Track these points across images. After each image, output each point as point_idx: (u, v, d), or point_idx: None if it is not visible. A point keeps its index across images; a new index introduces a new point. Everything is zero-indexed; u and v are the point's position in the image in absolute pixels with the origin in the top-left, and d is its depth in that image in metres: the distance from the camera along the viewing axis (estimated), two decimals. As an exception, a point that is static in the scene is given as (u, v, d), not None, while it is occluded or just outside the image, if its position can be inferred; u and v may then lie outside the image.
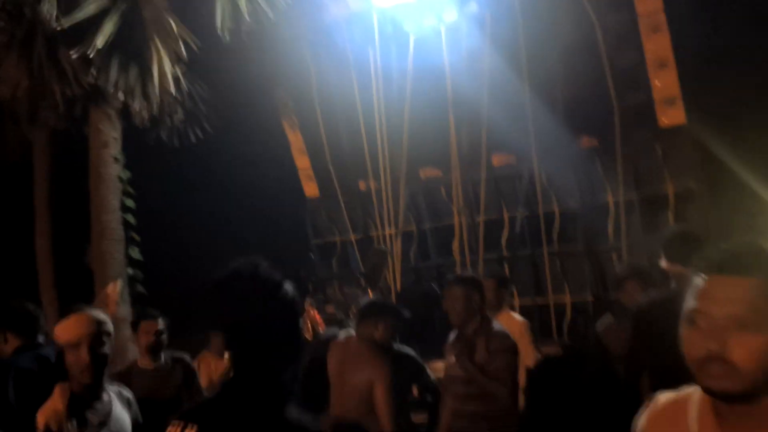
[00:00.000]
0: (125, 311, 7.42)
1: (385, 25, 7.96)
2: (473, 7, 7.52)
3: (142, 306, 7.69)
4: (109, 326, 2.74)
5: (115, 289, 7.23)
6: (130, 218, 7.76)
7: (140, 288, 7.84)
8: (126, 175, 7.76)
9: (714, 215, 7.29)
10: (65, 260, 8.44)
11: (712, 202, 7.17)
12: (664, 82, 6.63)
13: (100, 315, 2.74)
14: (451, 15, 7.65)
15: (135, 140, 8.00)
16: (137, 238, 7.82)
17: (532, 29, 7.15)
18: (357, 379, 3.68)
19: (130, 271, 7.69)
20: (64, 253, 8.55)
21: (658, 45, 6.60)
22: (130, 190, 7.83)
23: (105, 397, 2.75)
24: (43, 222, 8.73)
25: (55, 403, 2.69)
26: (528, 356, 4.57)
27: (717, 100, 6.82)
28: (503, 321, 4.27)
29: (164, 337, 4.42)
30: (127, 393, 2.91)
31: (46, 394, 2.89)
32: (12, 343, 3.45)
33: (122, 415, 2.77)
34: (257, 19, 7.39)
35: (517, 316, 4.92)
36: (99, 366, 2.67)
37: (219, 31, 7.21)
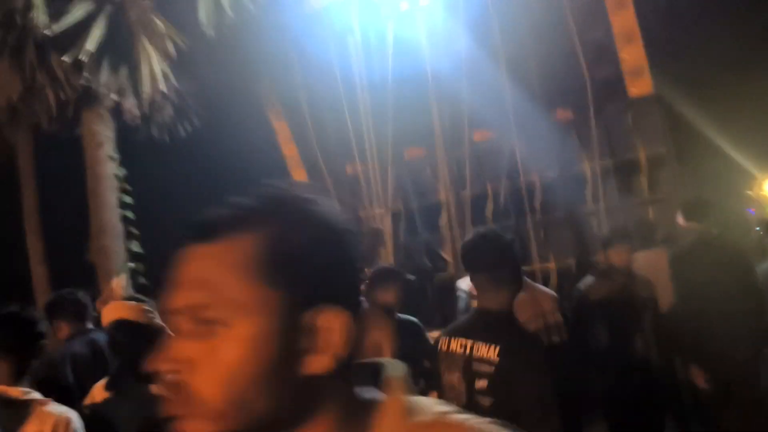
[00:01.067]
0: (131, 303, 7.73)
1: (364, 13, 8.23)
2: (447, -9, 7.84)
3: (135, 294, 8.02)
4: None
5: (120, 282, 7.55)
6: (129, 214, 8.04)
7: (143, 280, 8.14)
8: (122, 172, 8.03)
9: (683, 177, 7.75)
10: (63, 257, 8.69)
11: (681, 166, 7.62)
12: (632, 55, 6.99)
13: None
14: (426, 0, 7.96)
15: (127, 138, 8.24)
16: (136, 232, 8.11)
17: (504, 9, 7.47)
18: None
19: (131, 264, 7.99)
20: (60, 250, 8.79)
21: (624, 20, 6.94)
22: (127, 186, 8.10)
23: None
24: (33, 221, 8.98)
25: None
26: None
27: (682, 69, 7.23)
28: None
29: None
30: None
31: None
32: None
33: None
34: (239, 13, 7.65)
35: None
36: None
37: (203, 28, 7.46)
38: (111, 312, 2.94)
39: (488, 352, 2.43)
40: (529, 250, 7.85)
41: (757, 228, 6.91)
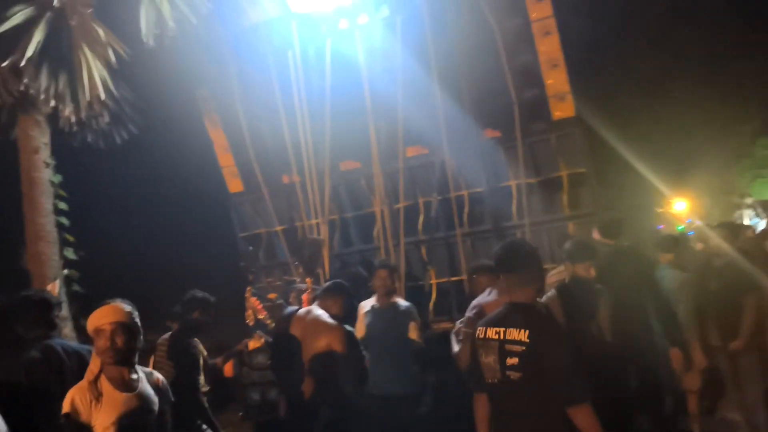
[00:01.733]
0: (64, 310, 7.68)
1: (303, 29, 8.49)
2: (385, 12, 8.19)
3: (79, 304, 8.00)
4: (133, 316, 3.26)
5: (54, 289, 7.51)
6: (64, 220, 7.99)
7: (77, 287, 8.10)
8: (57, 178, 7.98)
9: (601, 195, 8.33)
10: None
11: (599, 183, 8.19)
12: (556, 80, 7.51)
13: (126, 307, 3.26)
14: (365, 19, 8.29)
15: (62, 143, 8.20)
16: (71, 239, 8.06)
17: (439, 32, 7.89)
18: (318, 343, 4.38)
19: (66, 271, 7.94)
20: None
21: (549, 47, 7.46)
22: (62, 193, 8.06)
23: (134, 375, 3.27)
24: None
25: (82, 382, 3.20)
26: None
27: (602, 94, 7.80)
28: None
29: None
30: (158, 375, 3.44)
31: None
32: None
33: (148, 391, 3.29)
34: (181, 24, 7.75)
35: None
36: (119, 350, 3.17)
37: (143, 37, 7.53)
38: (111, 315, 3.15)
39: (519, 335, 3.16)
40: (458, 261, 8.24)
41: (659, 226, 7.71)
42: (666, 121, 17.99)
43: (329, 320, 4.70)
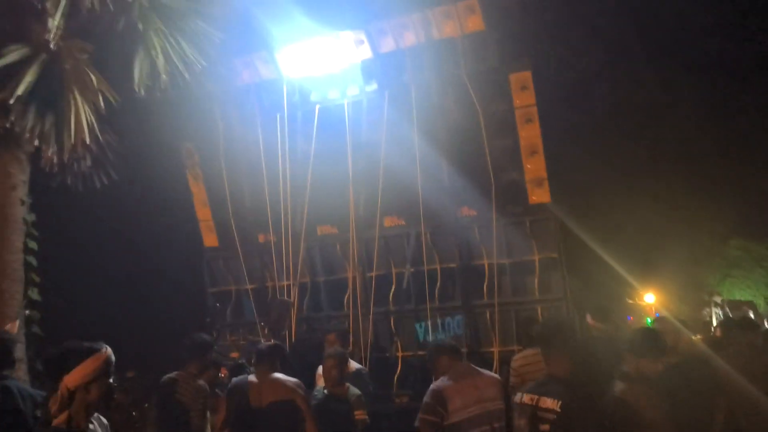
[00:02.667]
0: (20, 352, 7.49)
1: (293, 94, 8.69)
2: (374, 86, 8.43)
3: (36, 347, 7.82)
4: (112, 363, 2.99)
5: (12, 329, 7.34)
6: (32, 260, 7.87)
7: (36, 329, 7.92)
8: (31, 217, 7.91)
9: (572, 281, 8.43)
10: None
11: (570, 270, 8.30)
12: (534, 166, 7.72)
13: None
14: (354, 90, 8.52)
15: (41, 183, 8.17)
16: (37, 279, 7.94)
17: (424, 110, 8.13)
18: (279, 399, 4.35)
19: (27, 311, 7.78)
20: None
21: (530, 134, 7.69)
22: (34, 232, 7.97)
23: (90, 426, 3.01)
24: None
25: None
26: None
27: (577, 183, 8.01)
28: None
29: None
30: (104, 420, 3.28)
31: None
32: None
33: None
34: (173, 78, 7.87)
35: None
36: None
37: (135, 87, 7.62)
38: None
39: (552, 404, 3.51)
40: (426, 335, 8.23)
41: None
42: (640, 213, 18.38)
43: (289, 378, 4.64)
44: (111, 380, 2.93)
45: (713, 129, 19.62)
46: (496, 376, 4.54)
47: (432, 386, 4.39)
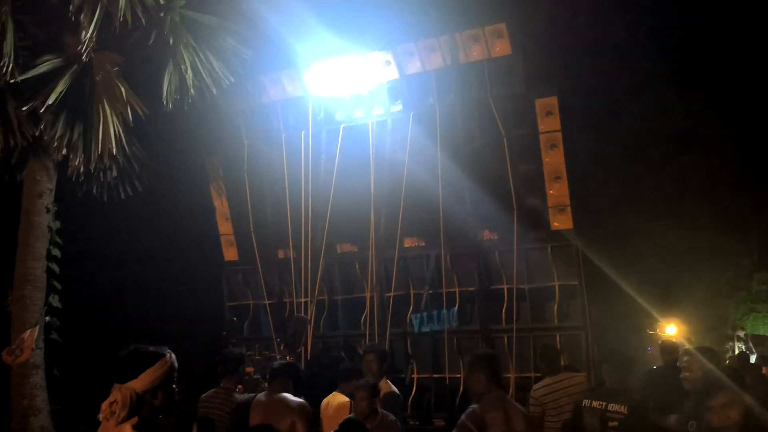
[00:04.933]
0: (39, 358, 7.57)
1: (318, 112, 8.75)
2: (399, 107, 8.46)
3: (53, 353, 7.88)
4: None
5: (32, 335, 7.44)
6: (55, 267, 7.98)
7: (55, 335, 8.00)
8: (56, 225, 8.02)
9: (592, 309, 8.32)
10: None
11: (590, 298, 8.20)
12: (557, 192, 7.66)
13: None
14: (379, 110, 8.56)
15: (67, 191, 8.29)
16: (59, 286, 8.03)
17: (448, 133, 8.13)
18: (282, 424, 4.29)
19: (48, 318, 7.87)
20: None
21: (554, 159, 7.65)
22: (58, 239, 8.08)
23: None
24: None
25: None
26: None
27: (601, 211, 7.94)
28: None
29: None
30: None
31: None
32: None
33: None
34: (201, 94, 7.96)
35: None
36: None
37: (163, 100, 7.72)
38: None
39: (620, 408, 4.44)
40: (441, 358, 8.16)
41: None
42: (663, 243, 18.17)
43: (293, 399, 4.59)
44: (175, 387, 2.92)
45: (740, 161, 19.39)
46: (521, 408, 4.42)
47: (473, 409, 4.22)
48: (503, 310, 7.99)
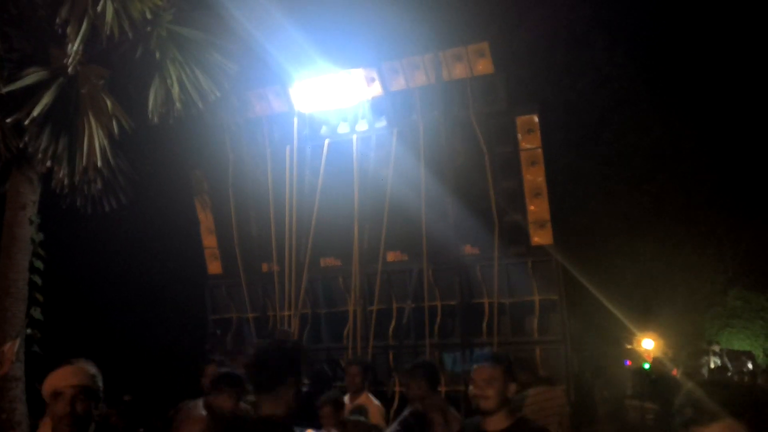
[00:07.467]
0: (19, 370, 7.52)
1: (303, 128, 8.85)
2: (383, 123, 8.59)
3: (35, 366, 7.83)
4: (97, 380, 2.99)
5: (13, 347, 7.38)
6: (37, 279, 7.93)
7: (36, 348, 7.95)
8: (39, 237, 7.99)
9: (571, 323, 8.47)
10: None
11: (570, 313, 8.34)
12: (538, 208, 7.82)
13: (90, 369, 3.10)
14: (363, 126, 8.68)
15: (50, 203, 8.27)
16: (41, 298, 7.99)
17: (431, 149, 8.26)
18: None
19: (29, 330, 7.82)
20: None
21: (535, 176, 7.81)
22: (41, 252, 8.05)
23: None
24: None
25: None
26: None
27: (579, 226, 8.10)
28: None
29: None
30: None
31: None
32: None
33: None
34: (187, 108, 8.01)
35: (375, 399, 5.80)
36: (78, 417, 2.87)
37: (149, 113, 7.76)
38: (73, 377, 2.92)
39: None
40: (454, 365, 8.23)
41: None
42: (641, 259, 18.45)
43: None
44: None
45: (716, 179, 19.78)
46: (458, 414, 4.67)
47: (414, 408, 4.51)
48: (484, 324, 8.09)
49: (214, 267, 9.55)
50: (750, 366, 19.52)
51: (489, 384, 3.17)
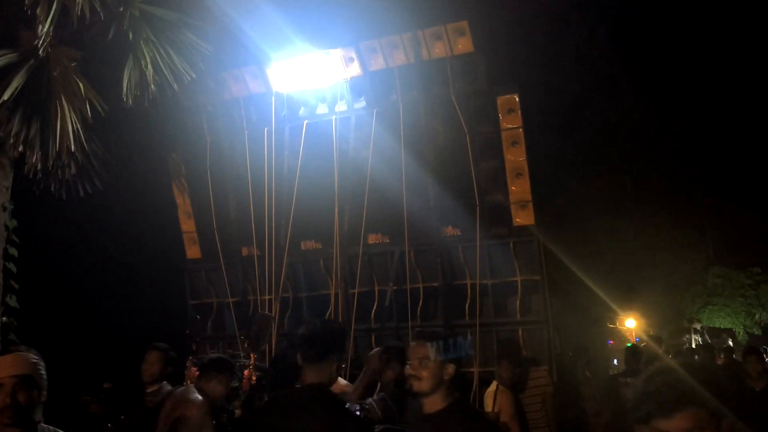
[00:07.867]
0: (-5, 359, 7.39)
1: (281, 109, 8.71)
2: (362, 103, 8.48)
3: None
4: (40, 369, 2.78)
5: (-12, 336, 7.24)
6: (12, 266, 7.77)
7: (12, 336, 7.82)
8: (12, 223, 7.82)
9: (553, 303, 8.46)
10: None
11: (552, 293, 8.33)
12: (520, 189, 7.77)
13: (32, 357, 2.77)
14: (342, 107, 8.56)
15: (24, 189, 8.10)
16: (16, 286, 7.84)
17: (412, 129, 8.18)
18: (170, 418, 4.28)
19: (4, 318, 7.68)
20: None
21: (516, 156, 7.75)
22: (15, 238, 7.88)
23: None
24: None
25: None
26: None
27: (561, 207, 8.06)
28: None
29: None
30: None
31: None
32: None
33: None
34: (162, 90, 7.85)
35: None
36: (20, 408, 2.70)
37: (123, 96, 7.60)
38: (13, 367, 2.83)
39: None
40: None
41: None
42: (622, 239, 18.55)
43: (194, 396, 4.42)
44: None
45: (696, 159, 19.89)
46: None
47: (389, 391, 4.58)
48: (467, 305, 8.07)
49: (192, 251, 9.43)
50: (730, 343, 19.76)
51: (422, 364, 3.01)
